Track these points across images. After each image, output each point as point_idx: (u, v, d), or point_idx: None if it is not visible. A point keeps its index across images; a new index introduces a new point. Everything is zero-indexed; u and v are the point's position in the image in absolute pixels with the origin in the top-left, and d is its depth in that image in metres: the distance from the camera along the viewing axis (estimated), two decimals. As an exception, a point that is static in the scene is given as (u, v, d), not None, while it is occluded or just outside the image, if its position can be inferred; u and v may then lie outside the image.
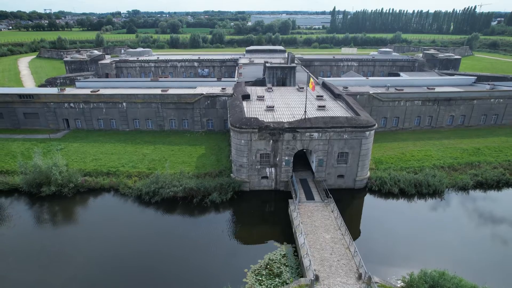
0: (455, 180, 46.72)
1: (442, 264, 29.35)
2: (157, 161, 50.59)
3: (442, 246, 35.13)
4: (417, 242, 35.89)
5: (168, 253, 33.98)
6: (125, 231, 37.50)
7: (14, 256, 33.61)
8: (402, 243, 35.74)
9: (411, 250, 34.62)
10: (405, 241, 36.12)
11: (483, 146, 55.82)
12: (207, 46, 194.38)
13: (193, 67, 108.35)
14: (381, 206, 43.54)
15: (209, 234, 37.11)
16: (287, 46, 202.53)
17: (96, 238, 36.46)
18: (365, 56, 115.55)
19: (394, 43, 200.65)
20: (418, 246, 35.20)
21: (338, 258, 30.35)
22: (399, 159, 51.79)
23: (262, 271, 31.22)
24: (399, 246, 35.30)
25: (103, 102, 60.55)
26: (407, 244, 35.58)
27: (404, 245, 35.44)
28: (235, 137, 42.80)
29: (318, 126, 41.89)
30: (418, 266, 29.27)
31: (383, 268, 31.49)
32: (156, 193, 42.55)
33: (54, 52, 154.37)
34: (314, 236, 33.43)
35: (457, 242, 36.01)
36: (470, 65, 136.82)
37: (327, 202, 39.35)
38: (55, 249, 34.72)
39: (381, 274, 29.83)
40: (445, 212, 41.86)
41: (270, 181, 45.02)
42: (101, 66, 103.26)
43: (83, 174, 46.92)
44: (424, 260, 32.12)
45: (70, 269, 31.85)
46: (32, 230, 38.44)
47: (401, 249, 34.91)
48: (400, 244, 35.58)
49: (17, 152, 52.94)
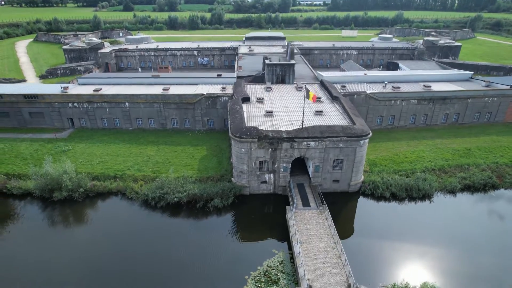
0: (444, 183, 49.32)
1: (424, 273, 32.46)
2: (161, 163, 52.93)
3: (426, 253, 38.20)
4: (404, 248, 38.93)
5: (173, 258, 37.03)
6: (132, 236, 40.47)
7: (28, 257, 36.69)
8: (390, 250, 38.74)
9: (398, 258, 37.71)
10: (394, 247, 39.10)
11: (474, 147, 58.01)
12: (206, 27, 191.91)
13: (193, 56, 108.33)
14: (373, 210, 46.39)
15: (211, 240, 40.09)
16: (287, 27, 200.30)
17: (104, 241, 39.76)
18: (364, 44, 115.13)
19: (395, 24, 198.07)
20: (405, 254, 38.26)
21: (330, 268, 33.41)
22: (392, 160, 54.15)
23: (261, 278, 34.38)
24: (388, 253, 38.32)
25: (106, 102, 62.04)
26: (395, 251, 38.61)
27: (393, 252, 38.47)
28: (236, 145, 44.92)
29: (314, 136, 43.93)
30: (403, 274, 32.37)
31: (371, 276, 34.60)
32: (162, 198, 45.25)
33: (51, 36, 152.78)
34: (309, 245, 36.37)
35: (441, 250, 38.93)
36: (471, 50, 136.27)
37: (322, 209, 42.08)
38: (67, 251, 37.78)
39: (369, 282, 33.02)
40: (432, 216, 44.61)
41: (269, 185, 47.63)
42: (100, 55, 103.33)
43: (91, 178, 49.43)
44: (407, 269, 35.38)
45: (81, 269, 35.08)
46: (45, 233, 41.63)
47: (389, 256, 37.94)
48: (388, 251, 38.58)
49: (27, 154, 55.20)
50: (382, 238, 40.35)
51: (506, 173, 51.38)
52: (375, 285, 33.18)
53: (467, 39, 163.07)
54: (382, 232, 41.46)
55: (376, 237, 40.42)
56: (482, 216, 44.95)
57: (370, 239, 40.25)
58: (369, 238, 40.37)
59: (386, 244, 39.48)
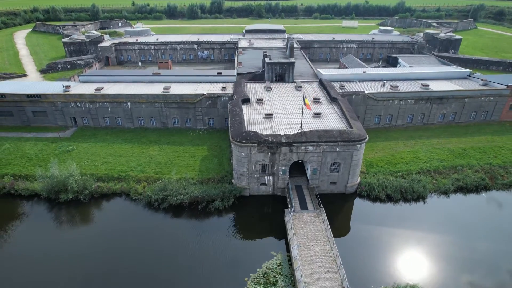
0: (438, 185, 50.87)
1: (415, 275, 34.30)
2: (163, 164, 54.35)
3: (419, 255, 40.09)
4: (397, 250, 40.81)
5: (175, 260, 38.91)
6: (136, 237, 42.29)
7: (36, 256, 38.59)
8: (384, 252, 40.55)
9: (391, 260, 39.57)
10: (387, 249, 40.93)
11: (469, 147, 59.33)
12: (206, 17, 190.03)
13: (193, 50, 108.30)
14: (369, 211, 48.06)
15: (212, 241, 41.85)
16: (287, 16, 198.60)
17: (108, 241, 41.77)
18: (364, 37, 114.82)
19: (397, 13, 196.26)
20: (398, 256, 40.14)
21: (326, 271, 35.26)
22: (388, 161, 55.55)
23: (260, 280, 36.28)
24: (382, 255, 40.11)
25: (108, 102, 62.97)
26: (388, 253, 40.45)
27: (386, 254, 40.30)
28: (236, 150, 46.24)
29: (312, 141, 45.19)
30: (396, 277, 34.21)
31: (364, 278, 36.49)
32: (165, 200, 46.89)
33: (50, 26, 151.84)
34: (306, 248, 38.16)
35: (434, 252, 40.77)
36: (472, 42, 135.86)
37: (319, 212, 43.74)
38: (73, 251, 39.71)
39: (362, 285, 34.98)
40: (425, 218, 46.35)
41: (268, 187, 49.19)
42: (100, 49, 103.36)
43: (96, 179, 50.94)
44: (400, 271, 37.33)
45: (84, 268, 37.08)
46: (52, 233, 43.54)
47: (382, 258, 39.74)
48: (382, 253, 40.38)
49: (32, 154, 56.55)
50: (376, 239, 42.13)
51: (498, 174, 52.87)
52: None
53: (468, 30, 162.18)
54: (377, 234, 43.20)
55: (370, 239, 42.20)
56: (474, 217, 46.62)
57: (365, 241, 42.01)
58: (364, 240, 42.12)
59: (380, 246, 41.28)
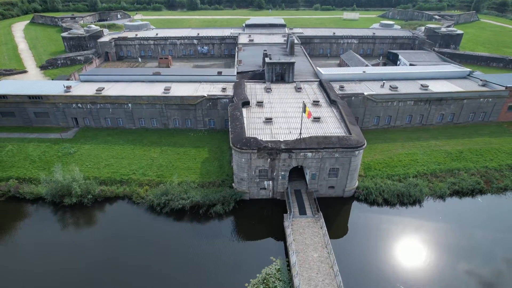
0: (434, 189, 51.86)
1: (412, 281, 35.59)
2: (164, 167, 55.23)
3: (414, 262, 41.39)
4: (393, 256, 42.12)
5: (176, 264, 40.22)
6: (138, 241, 43.51)
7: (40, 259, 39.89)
8: (381, 257, 41.84)
9: (388, 265, 40.87)
10: (384, 254, 42.22)
11: (466, 149, 60.08)
12: (205, 8, 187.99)
13: (193, 45, 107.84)
14: (367, 215, 49.14)
15: (213, 246, 43.08)
16: (287, 7, 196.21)
17: (111, 245, 43.12)
18: (365, 32, 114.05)
19: (399, 4, 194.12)
20: (393, 262, 41.45)
21: (323, 278, 36.55)
22: (386, 164, 56.41)
23: (260, 285, 37.60)
24: (378, 260, 41.41)
25: (109, 103, 63.38)
26: (385, 258, 41.74)
27: (382, 259, 41.58)
28: (236, 155, 47.04)
29: (311, 147, 45.95)
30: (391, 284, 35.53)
31: (360, 285, 37.87)
32: (167, 204, 47.96)
33: (48, 18, 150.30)
34: (304, 254, 39.39)
35: (430, 256, 42.06)
36: (473, 36, 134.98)
37: (317, 217, 44.84)
38: (77, 253, 41.03)
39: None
40: (421, 222, 47.53)
41: (268, 191, 50.21)
42: (100, 44, 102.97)
43: (99, 182, 51.92)
44: (395, 277, 38.62)
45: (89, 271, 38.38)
46: (57, 236, 44.78)
47: (379, 263, 41.07)
48: (379, 258, 41.67)
49: (35, 156, 57.37)
50: (373, 244, 43.38)
51: (494, 178, 53.82)
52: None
53: (470, 22, 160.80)
54: (373, 238, 44.45)
55: (367, 243, 43.50)
56: (469, 221, 47.76)
57: (362, 245, 43.27)
58: (361, 245, 43.37)
59: (377, 251, 42.54)
